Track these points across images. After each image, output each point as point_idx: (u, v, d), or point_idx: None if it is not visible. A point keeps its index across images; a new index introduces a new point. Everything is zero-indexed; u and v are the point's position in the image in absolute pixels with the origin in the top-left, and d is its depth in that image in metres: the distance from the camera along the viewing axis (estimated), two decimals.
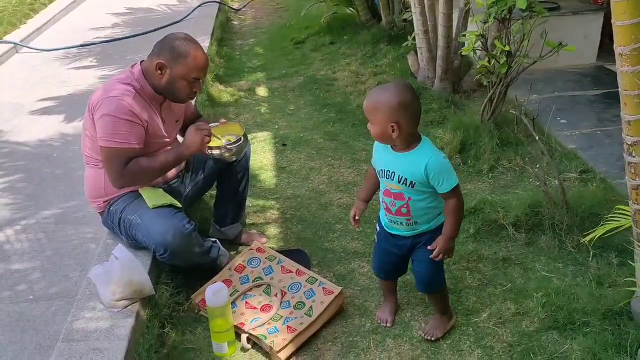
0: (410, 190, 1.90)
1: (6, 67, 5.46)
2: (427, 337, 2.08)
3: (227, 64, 5.48)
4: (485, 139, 3.32)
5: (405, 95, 1.82)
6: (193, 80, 2.25)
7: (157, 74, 2.23)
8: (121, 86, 2.20)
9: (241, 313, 2.20)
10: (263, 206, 3.03)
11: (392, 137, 1.85)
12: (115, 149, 2.16)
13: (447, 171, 1.88)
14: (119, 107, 2.15)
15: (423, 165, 1.85)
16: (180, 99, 2.32)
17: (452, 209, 1.91)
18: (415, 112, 1.85)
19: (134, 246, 2.34)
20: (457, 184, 1.89)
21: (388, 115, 1.81)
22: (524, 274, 2.39)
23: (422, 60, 4.34)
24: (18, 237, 2.80)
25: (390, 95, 1.81)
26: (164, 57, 2.21)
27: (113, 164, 2.19)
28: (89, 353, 1.89)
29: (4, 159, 3.60)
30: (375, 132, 1.87)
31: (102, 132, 2.16)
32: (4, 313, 2.30)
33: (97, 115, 2.16)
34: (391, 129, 1.82)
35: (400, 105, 1.80)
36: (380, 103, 1.82)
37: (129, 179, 2.24)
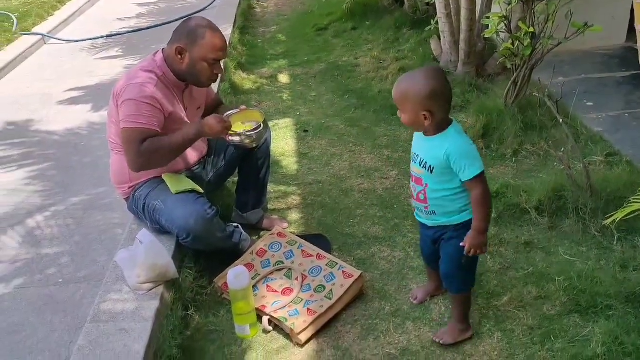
0: (429, 176, 1.85)
1: (35, 59, 5.59)
2: (436, 340, 2.01)
3: (250, 51, 5.50)
4: (508, 123, 3.28)
5: (436, 82, 1.75)
6: (213, 61, 2.27)
7: (178, 59, 2.26)
8: (144, 74, 2.24)
9: (263, 296, 2.24)
10: (285, 192, 3.05)
11: (424, 125, 1.80)
12: (134, 129, 2.17)
13: (471, 156, 1.78)
14: (142, 92, 2.19)
15: (444, 148, 1.78)
16: (202, 82, 2.34)
17: (477, 200, 1.80)
18: (447, 98, 1.79)
19: (158, 231, 2.39)
20: (481, 171, 1.78)
21: (419, 104, 1.75)
22: (547, 258, 2.36)
23: (445, 45, 4.29)
24: (48, 223, 2.88)
25: (421, 84, 1.75)
26: (182, 42, 2.24)
27: (131, 145, 2.18)
28: (116, 333, 1.95)
29: (34, 148, 3.71)
30: (407, 120, 1.82)
31: (124, 115, 2.19)
32: (35, 296, 2.38)
33: (121, 101, 2.21)
34: (423, 117, 1.77)
35: (432, 93, 1.74)
36: (411, 92, 1.76)
37: (147, 158, 2.20)
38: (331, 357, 2.01)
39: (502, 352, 1.94)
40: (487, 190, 1.81)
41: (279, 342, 2.09)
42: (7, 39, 5.83)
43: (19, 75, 5.17)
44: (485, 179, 1.81)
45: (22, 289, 2.43)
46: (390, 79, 4.35)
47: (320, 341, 2.07)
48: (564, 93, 3.12)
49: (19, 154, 3.64)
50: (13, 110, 4.34)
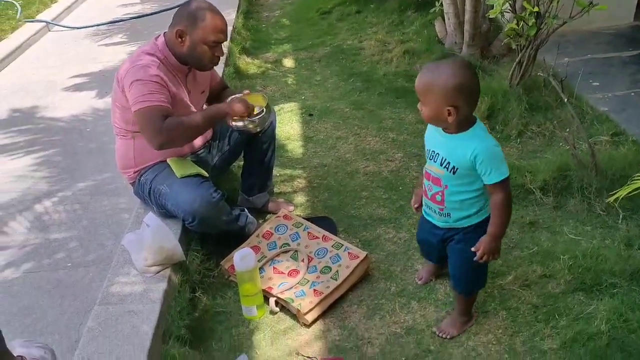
0: (450, 177, 1.74)
1: (39, 46, 5.59)
2: (440, 334, 1.96)
3: (254, 36, 5.48)
4: (513, 104, 3.26)
5: (465, 75, 1.63)
6: (213, 43, 2.26)
7: (178, 42, 2.26)
8: (146, 57, 2.25)
9: (269, 278, 2.26)
10: (290, 175, 3.06)
11: (448, 121, 1.67)
12: (148, 107, 2.16)
13: (498, 160, 1.68)
14: (147, 72, 2.19)
15: (471, 149, 1.67)
16: (203, 64, 2.34)
17: (499, 205, 1.71)
18: (475, 94, 1.67)
19: (164, 215, 2.41)
20: (507, 176, 1.69)
21: (445, 98, 1.63)
22: (551, 237, 2.37)
23: (450, 26, 4.26)
24: (56, 209, 2.91)
25: (448, 76, 1.63)
26: (182, 25, 2.24)
27: (149, 123, 2.16)
28: (124, 315, 1.98)
29: (40, 134, 3.72)
30: (428, 114, 1.69)
31: (134, 97, 2.18)
32: (44, 280, 2.41)
33: (127, 84, 2.21)
34: (447, 113, 1.64)
35: (460, 87, 1.62)
36: (436, 84, 1.64)
37: (167, 135, 2.18)
38: (337, 336, 2.03)
39: (507, 330, 1.95)
40: (510, 196, 1.73)
41: (285, 322, 2.11)
42: (11, 26, 5.83)
43: (24, 62, 5.17)
44: (509, 184, 1.72)
45: (31, 273, 2.46)
46: (394, 62, 4.33)
47: (327, 321, 2.10)
48: (570, 73, 3.11)
49: (25, 140, 3.66)
50: (18, 97, 4.35)
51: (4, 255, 2.58)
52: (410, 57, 4.33)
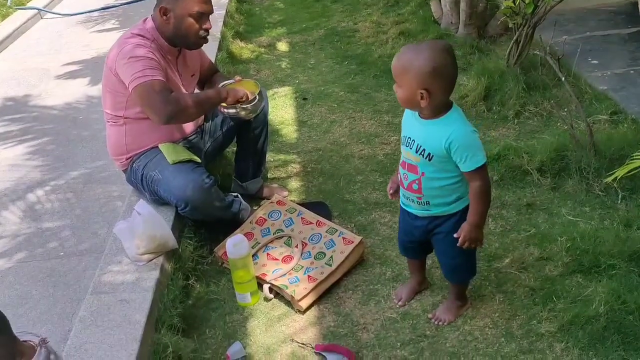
0: (426, 163, 1.69)
1: (31, 33, 5.52)
2: (435, 322, 1.92)
3: (248, 20, 5.41)
4: (510, 84, 3.22)
5: (441, 58, 1.58)
6: (198, 14, 2.21)
7: (164, 21, 2.22)
8: (136, 38, 2.21)
9: (263, 264, 2.23)
10: (284, 160, 3.02)
11: (420, 105, 1.63)
12: (150, 81, 2.11)
13: (474, 146, 1.63)
14: (138, 50, 2.15)
15: (446, 136, 1.62)
16: (191, 40, 2.28)
17: (476, 193, 1.67)
18: (450, 79, 1.61)
19: (157, 202, 2.38)
20: (483, 163, 1.64)
21: (418, 80, 1.58)
22: (549, 219, 2.34)
23: (446, 6, 4.19)
24: (48, 197, 2.88)
25: (424, 58, 1.57)
26: (165, 2, 2.20)
27: (155, 96, 2.11)
28: (117, 304, 1.96)
29: (33, 123, 3.68)
30: (402, 96, 1.65)
31: (130, 75, 2.12)
32: (36, 269, 2.39)
33: (120, 64, 2.16)
34: (420, 96, 1.59)
35: (434, 70, 1.56)
36: (411, 65, 1.58)
37: (176, 105, 2.13)
38: (332, 322, 2.01)
39: (503, 314, 1.93)
40: (488, 183, 1.69)
41: (280, 309, 2.09)
42: (2, 13, 5.76)
43: (16, 50, 5.12)
44: (486, 171, 1.68)
45: (24, 263, 2.43)
46: (390, 44, 4.27)
47: (321, 307, 2.07)
48: (568, 51, 3.05)
49: (18, 129, 3.62)
50: (11, 86, 4.31)
51: None
52: (405, 39, 4.27)
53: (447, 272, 1.93)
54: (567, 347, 1.78)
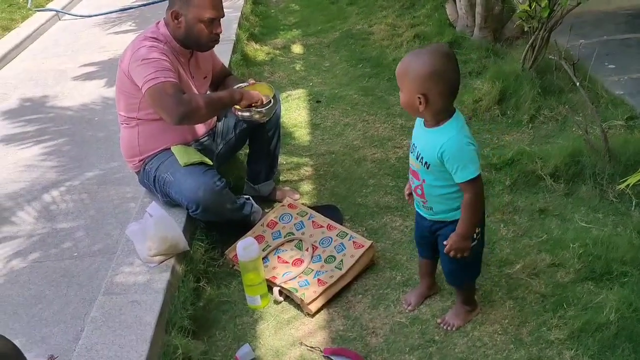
0: (425, 171, 1.71)
1: (49, 35, 5.60)
2: (444, 326, 1.91)
3: (263, 22, 5.43)
4: (526, 88, 3.19)
5: (440, 63, 1.57)
6: (209, 20, 2.23)
7: (175, 24, 2.24)
8: (149, 40, 2.23)
9: (273, 267, 2.24)
10: (297, 163, 3.03)
11: (419, 110, 1.62)
12: (158, 84, 2.13)
13: (466, 158, 1.62)
14: (151, 53, 2.18)
15: (439, 145, 1.62)
16: (202, 44, 2.30)
17: (466, 204, 1.67)
18: (450, 85, 1.59)
19: (169, 204, 2.40)
20: (475, 175, 1.63)
21: (416, 84, 1.58)
22: (562, 225, 2.31)
23: (461, 9, 4.17)
24: (63, 198, 2.92)
25: (423, 62, 1.57)
26: (177, 5, 2.22)
27: (168, 97, 2.12)
28: (128, 305, 1.98)
29: (49, 124, 3.74)
30: (403, 100, 1.66)
31: (143, 77, 2.15)
32: (50, 269, 2.42)
33: (133, 66, 2.19)
34: (418, 101, 1.59)
35: (432, 74, 1.56)
36: (411, 69, 1.59)
37: (189, 106, 2.14)
38: (341, 326, 2.01)
39: (513, 320, 1.91)
40: (479, 196, 1.67)
41: (289, 312, 2.10)
42: (21, 15, 5.85)
43: (34, 51, 5.19)
44: (479, 184, 1.66)
45: (38, 263, 2.47)
46: (405, 47, 4.25)
47: (331, 311, 2.08)
48: (585, 55, 3.02)
49: (35, 129, 3.67)
50: (29, 86, 4.37)
51: (11, 245, 2.60)
52: (421, 42, 4.25)
53: (446, 274, 1.93)
54: (576, 355, 1.76)
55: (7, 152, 3.42)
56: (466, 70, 3.76)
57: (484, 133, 3.10)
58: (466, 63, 3.84)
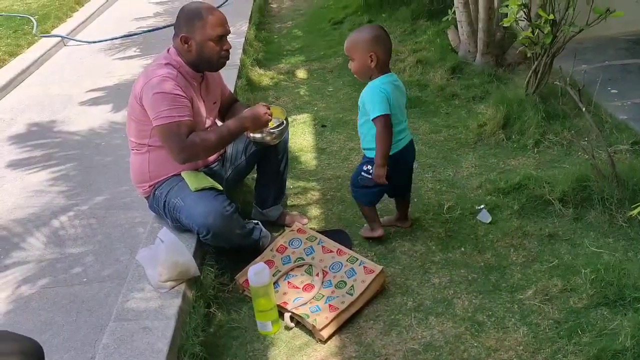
0: (359, 111, 2.32)
1: (55, 60, 5.66)
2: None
3: (266, 47, 5.50)
4: (530, 113, 3.22)
5: (379, 32, 2.20)
6: (218, 38, 2.27)
7: (186, 49, 2.27)
8: (164, 68, 2.26)
9: (284, 293, 2.23)
10: (304, 188, 3.04)
11: (372, 67, 2.20)
12: (170, 124, 2.19)
13: (376, 100, 2.18)
14: (165, 84, 2.20)
15: (364, 91, 2.25)
16: (214, 62, 2.33)
17: (376, 138, 2.22)
18: (388, 45, 2.22)
19: (178, 229, 2.41)
20: (379, 115, 2.16)
21: (367, 47, 2.18)
22: (572, 250, 2.32)
23: (463, 35, 4.23)
24: (72, 223, 2.92)
25: (368, 32, 2.21)
26: (184, 30, 2.26)
27: (174, 140, 2.20)
28: (139, 332, 1.97)
29: (57, 149, 3.75)
30: (356, 66, 2.23)
31: (155, 112, 2.20)
32: (59, 295, 2.41)
33: (147, 97, 2.21)
34: (370, 59, 2.18)
35: (376, 38, 2.19)
36: (359, 39, 2.21)
37: (190, 152, 2.23)
38: (354, 353, 1.99)
39: (528, 347, 1.90)
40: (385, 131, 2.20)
41: (301, 338, 2.08)
42: (27, 41, 5.91)
43: (40, 76, 5.24)
44: (384, 122, 2.18)
45: (47, 289, 2.46)
46: (407, 71, 4.31)
47: (343, 337, 2.06)
48: (587, 80, 3.06)
49: (42, 154, 3.69)
50: (35, 112, 4.40)
51: (21, 271, 2.59)
52: (423, 67, 4.31)
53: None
54: None
55: (15, 177, 3.43)
56: (469, 95, 3.81)
57: (490, 157, 3.12)
58: (469, 88, 3.89)
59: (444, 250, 2.42)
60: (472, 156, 3.16)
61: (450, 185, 2.90)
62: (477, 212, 2.61)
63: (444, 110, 3.75)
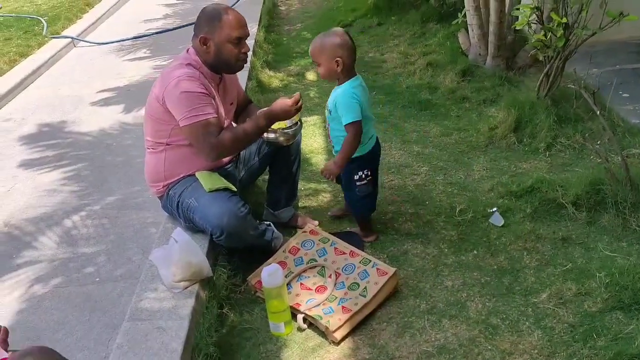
0: (329, 117, 2.38)
1: (65, 61, 5.68)
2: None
3: (276, 49, 5.51)
4: (541, 116, 3.22)
5: (344, 37, 2.26)
6: (237, 40, 2.29)
7: (205, 50, 2.28)
8: (184, 68, 2.27)
9: (296, 294, 2.23)
10: (315, 189, 3.04)
11: (338, 72, 2.26)
12: (199, 122, 2.20)
13: (348, 107, 2.25)
14: (189, 84, 2.21)
15: (335, 96, 2.30)
16: (232, 64, 2.34)
17: (345, 141, 2.31)
18: (352, 49, 2.28)
19: (191, 229, 2.41)
20: (352, 121, 2.25)
21: (333, 52, 2.23)
22: (586, 253, 2.31)
23: (474, 38, 4.23)
24: (84, 223, 2.93)
25: (334, 38, 2.26)
26: (203, 31, 2.27)
27: (204, 139, 2.22)
28: (153, 332, 1.97)
29: (68, 149, 3.77)
30: (324, 70, 2.30)
31: (181, 112, 2.20)
32: (73, 294, 2.42)
33: (170, 98, 2.22)
34: (336, 64, 2.24)
35: (342, 44, 2.24)
36: (326, 44, 2.26)
37: (222, 149, 2.26)
38: (367, 355, 1.99)
39: (543, 351, 1.90)
40: (355, 136, 2.29)
41: (314, 340, 2.08)
42: (37, 42, 5.95)
43: (51, 77, 5.27)
44: (355, 129, 2.27)
45: (60, 288, 2.47)
46: (417, 74, 4.31)
47: (356, 339, 2.06)
48: (599, 84, 3.04)
49: (54, 155, 3.71)
50: (47, 112, 4.42)
51: (33, 270, 2.60)
52: (433, 69, 4.31)
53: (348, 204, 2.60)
54: None
55: (27, 177, 3.45)
56: (480, 98, 3.81)
57: (501, 160, 3.11)
58: (480, 91, 3.89)
59: (457, 253, 2.42)
60: (484, 159, 3.15)
61: (462, 188, 2.90)
62: (490, 215, 2.60)
63: (454, 113, 3.75)
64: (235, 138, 2.28)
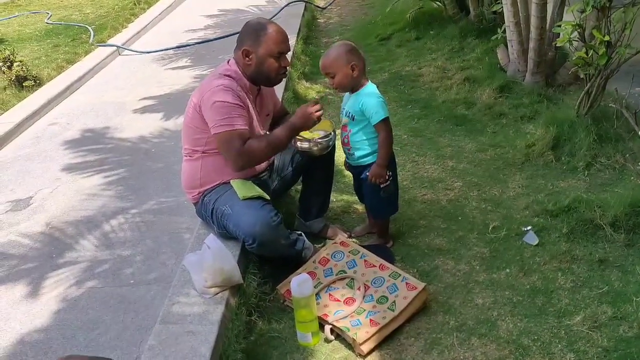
0: (351, 123, 2.46)
1: (109, 69, 5.87)
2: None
3: (313, 61, 5.55)
4: (581, 134, 3.16)
5: (349, 44, 2.43)
6: (278, 54, 2.34)
7: (246, 62, 2.34)
8: (223, 79, 2.34)
9: (325, 305, 2.24)
10: (347, 201, 3.06)
11: (355, 76, 2.38)
12: (228, 132, 2.26)
13: (378, 106, 2.35)
14: (225, 94, 2.28)
15: (360, 101, 2.38)
16: (272, 78, 2.41)
17: (380, 141, 2.40)
18: (362, 58, 2.42)
19: (224, 236, 2.45)
20: (384, 117, 2.35)
21: (347, 60, 2.35)
22: (623, 277, 2.25)
23: (513, 54, 4.19)
24: (122, 227, 3.01)
25: (345, 47, 2.40)
26: (247, 44, 2.33)
27: (230, 148, 2.28)
28: (184, 335, 2.01)
29: (110, 154, 3.89)
30: (339, 78, 2.39)
31: (214, 120, 2.27)
32: (108, 295, 2.49)
33: (207, 105, 2.29)
34: (352, 69, 2.36)
35: (353, 51, 2.39)
36: (339, 54, 2.37)
37: (247, 158, 2.32)
38: None
39: None
40: (389, 133, 2.40)
41: (341, 351, 2.09)
42: (84, 50, 6.17)
43: (96, 84, 5.45)
44: (389, 125, 2.39)
45: (96, 289, 2.55)
46: (454, 89, 4.29)
47: (383, 353, 2.06)
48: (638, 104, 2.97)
49: (96, 159, 3.83)
50: (90, 117, 4.58)
51: (72, 270, 2.69)
52: (470, 85, 4.28)
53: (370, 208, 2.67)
54: None
55: (70, 180, 3.57)
56: (518, 115, 3.77)
57: (538, 178, 3.07)
58: (518, 107, 3.85)
59: (488, 271, 2.39)
60: (520, 176, 3.11)
61: (496, 204, 2.86)
62: (524, 233, 2.56)
63: (490, 129, 3.71)
64: (260, 147, 2.32)
